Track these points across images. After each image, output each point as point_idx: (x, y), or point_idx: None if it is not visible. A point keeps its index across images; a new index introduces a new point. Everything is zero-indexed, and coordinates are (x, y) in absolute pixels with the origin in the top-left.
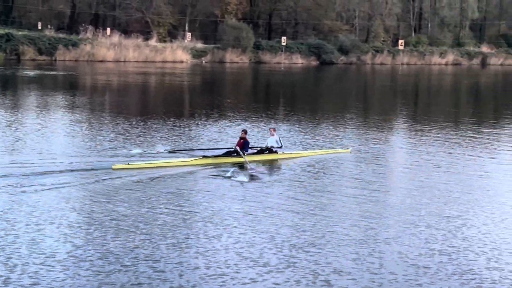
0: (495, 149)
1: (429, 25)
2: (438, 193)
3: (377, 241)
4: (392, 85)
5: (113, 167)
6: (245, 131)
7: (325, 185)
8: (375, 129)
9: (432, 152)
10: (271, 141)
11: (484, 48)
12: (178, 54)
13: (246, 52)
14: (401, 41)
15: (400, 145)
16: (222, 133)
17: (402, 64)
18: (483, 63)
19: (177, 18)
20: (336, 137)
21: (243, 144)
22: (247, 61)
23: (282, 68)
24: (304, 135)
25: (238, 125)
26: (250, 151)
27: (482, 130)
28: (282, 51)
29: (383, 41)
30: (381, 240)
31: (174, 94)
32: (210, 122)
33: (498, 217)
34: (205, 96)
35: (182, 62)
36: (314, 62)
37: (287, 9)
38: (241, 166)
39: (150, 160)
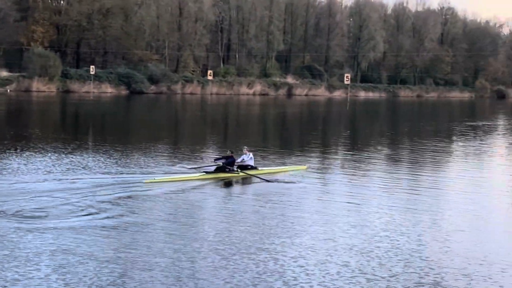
0: (306, 176)
1: (237, 56)
2: (252, 224)
3: (194, 278)
4: (202, 114)
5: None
6: (231, 151)
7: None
8: (187, 159)
9: (242, 183)
10: (246, 158)
11: (290, 79)
12: None
13: (53, 81)
14: (210, 72)
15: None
16: (28, 164)
17: (212, 94)
18: (289, 94)
19: None
20: (147, 166)
21: (230, 161)
22: (55, 90)
23: (92, 97)
24: (113, 163)
25: (45, 156)
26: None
27: (289, 158)
28: (91, 80)
29: (193, 71)
30: (196, 275)
31: None
32: (16, 154)
33: (322, 254)
34: (10, 127)
35: None
36: (124, 91)
37: (96, 37)
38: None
39: None
